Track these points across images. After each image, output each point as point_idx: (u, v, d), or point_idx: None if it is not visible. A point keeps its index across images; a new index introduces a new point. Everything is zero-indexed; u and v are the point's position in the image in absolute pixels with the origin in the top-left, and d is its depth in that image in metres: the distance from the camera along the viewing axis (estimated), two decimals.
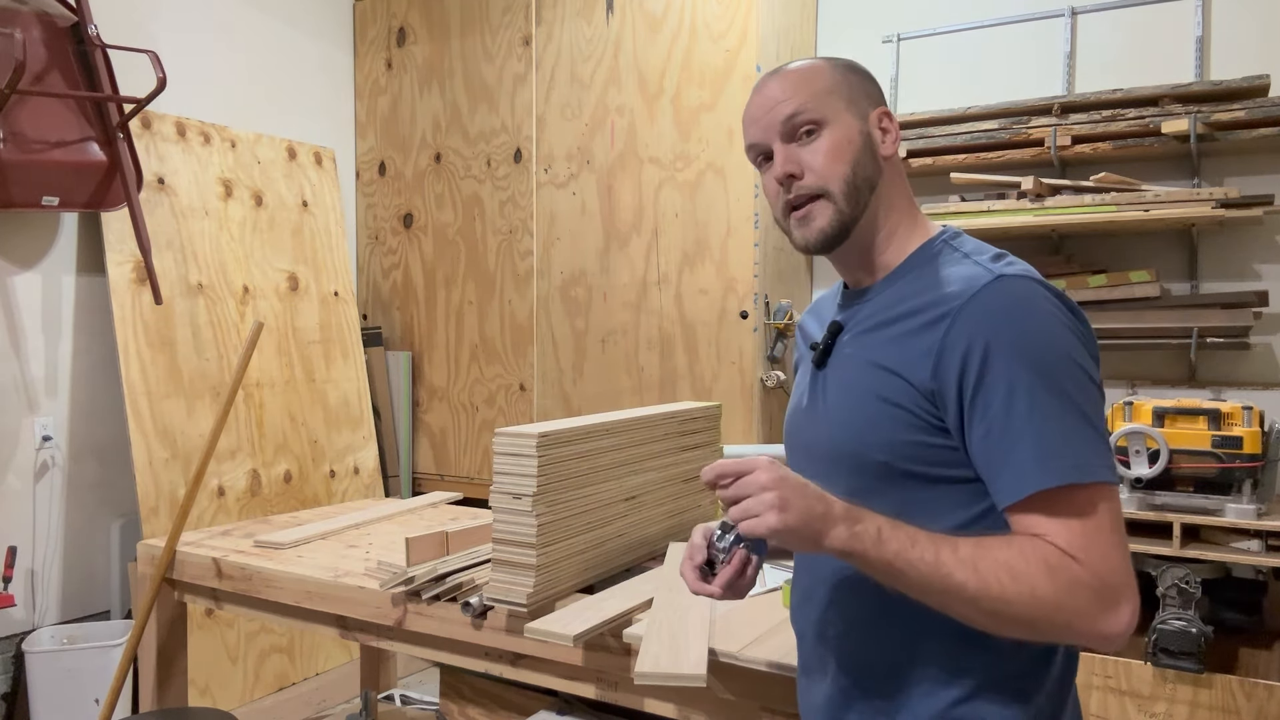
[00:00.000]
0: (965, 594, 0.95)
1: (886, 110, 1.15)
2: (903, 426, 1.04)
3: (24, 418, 3.00)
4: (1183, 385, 2.91)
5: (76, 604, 3.11)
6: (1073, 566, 0.95)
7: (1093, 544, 0.95)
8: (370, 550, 2.27)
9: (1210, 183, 2.89)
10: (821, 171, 1.10)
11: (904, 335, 1.06)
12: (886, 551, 0.96)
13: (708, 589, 1.14)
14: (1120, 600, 0.95)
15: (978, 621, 0.98)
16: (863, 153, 1.11)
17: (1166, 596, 2.40)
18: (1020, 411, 0.97)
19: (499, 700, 2.29)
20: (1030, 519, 0.98)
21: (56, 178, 2.83)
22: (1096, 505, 0.97)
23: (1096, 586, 0.94)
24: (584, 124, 3.57)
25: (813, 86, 1.12)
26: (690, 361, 3.35)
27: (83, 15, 2.92)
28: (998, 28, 3.24)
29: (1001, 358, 0.99)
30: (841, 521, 0.97)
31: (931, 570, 0.96)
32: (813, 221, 1.11)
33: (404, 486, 4.03)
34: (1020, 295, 1.01)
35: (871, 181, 1.12)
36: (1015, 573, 0.94)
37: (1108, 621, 0.95)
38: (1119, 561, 0.96)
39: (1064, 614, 0.94)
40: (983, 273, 1.04)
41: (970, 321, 1.00)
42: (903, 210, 1.15)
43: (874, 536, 0.97)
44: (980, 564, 0.95)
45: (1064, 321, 1.02)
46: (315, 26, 4.02)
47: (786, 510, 0.95)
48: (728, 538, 1.15)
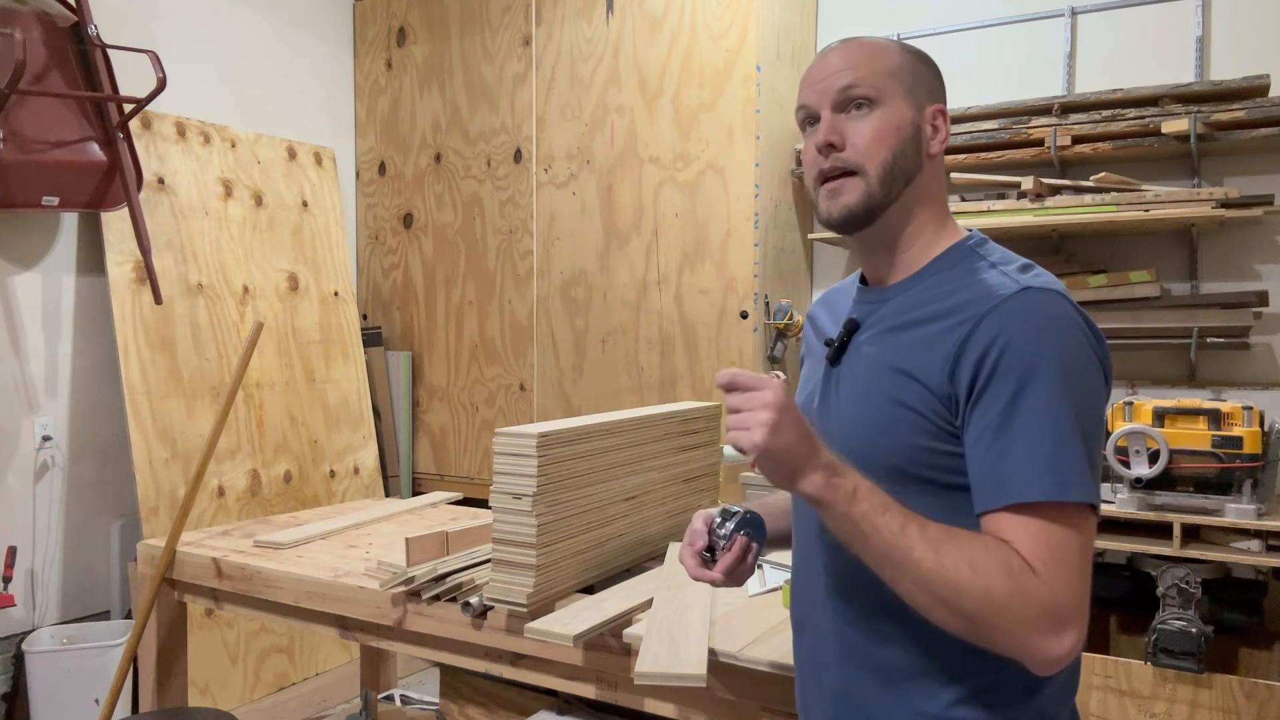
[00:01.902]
0: (920, 571, 0.95)
1: (943, 109, 1.13)
2: (917, 432, 1.04)
3: (24, 418, 3.00)
4: (1183, 385, 2.91)
5: (76, 604, 3.11)
6: (1031, 577, 0.94)
7: (1056, 562, 0.94)
8: (370, 550, 2.27)
9: (1210, 183, 2.89)
10: (862, 149, 1.08)
11: (924, 340, 1.05)
12: (856, 509, 0.97)
13: (708, 574, 1.15)
14: (1068, 626, 0.93)
15: (924, 605, 0.97)
16: (908, 142, 1.09)
17: (1166, 596, 2.40)
18: (1018, 420, 0.97)
19: (499, 700, 2.29)
20: (1002, 526, 0.97)
21: (56, 178, 2.83)
22: (1069, 527, 0.96)
23: (1049, 603, 0.93)
24: (584, 124, 3.57)
25: (875, 64, 1.10)
26: (690, 361, 3.35)
27: (83, 15, 2.92)
28: (998, 28, 3.24)
29: (1013, 364, 0.98)
30: (823, 468, 0.97)
31: (894, 539, 0.96)
32: (840, 196, 1.10)
33: (404, 486, 4.03)
34: (1044, 308, 1.01)
35: (910, 173, 1.10)
36: (975, 565, 0.94)
37: (1049, 642, 0.93)
38: (1078, 587, 0.95)
39: (1009, 619, 0.93)
40: (1009, 283, 1.03)
41: (991, 328, 1.00)
42: (934, 211, 1.14)
43: (848, 491, 0.97)
44: (944, 547, 0.95)
45: (1083, 340, 1.01)
46: (315, 26, 4.02)
47: (777, 435, 0.95)
48: (728, 524, 1.15)
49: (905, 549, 0.95)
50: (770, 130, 3.26)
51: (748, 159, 3.21)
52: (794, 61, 3.41)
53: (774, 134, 3.29)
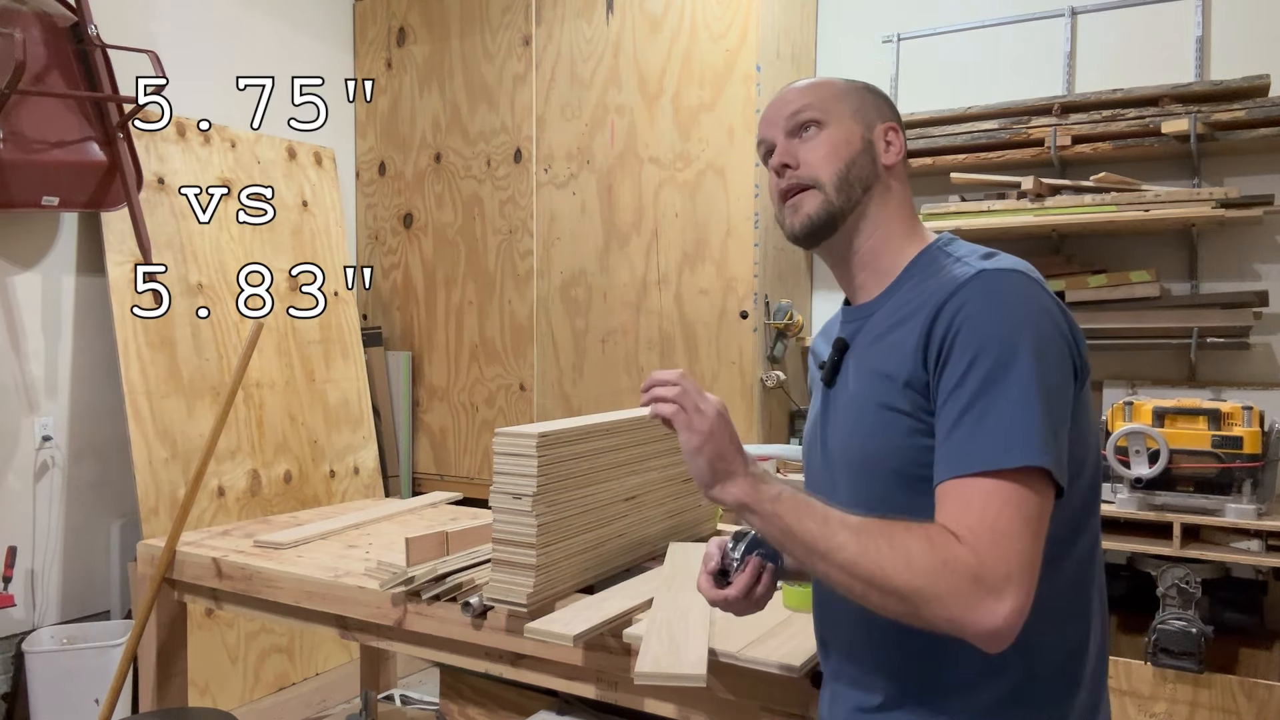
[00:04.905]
0: (843, 556, 0.95)
1: (895, 126, 1.18)
2: (905, 432, 1.04)
3: (24, 418, 3.00)
4: (1183, 385, 2.91)
5: (76, 604, 3.11)
6: (953, 544, 0.92)
7: (986, 529, 0.91)
8: (370, 550, 2.27)
9: (1210, 183, 2.89)
10: (815, 163, 1.14)
11: (897, 340, 1.07)
12: (780, 507, 1.00)
13: (722, 594, 1.18)
14: (1003, 593, 0.89)
15: (855, 591, 0.96)
16: (860, 154, 1.15)
17: (1166, 596, 2.40)
18: (965, 392, 0.97)
19: (499, 700, 2.29)
20: (941, 499, 0.97)
21: (56, 178, 2.83)
22: (1010, 493, 0.93)
23: (975, 569, 0.90)
24: (584, 124, 3.57)
25: (820, 92, 1.17)
26: (690, 361, 3.35)
27: (83, 15, 2.92)
28: (998, 28, 3.24)
29: (966, 341, 0.99)
30: (749, 476, 1.03)
31: (818, 529, 0.98)
32: (801, 208, 1.15)
33: (404, 486, 4.03)
34: (998, 284, 1.02)
35: (866, 182, 1.14)
36: (894, 541, 0.94)
37: (981, 612, 0.89)
38: (1010, 551, 0.91)
39: (937, 589, 0.90)
40: (969, 270, 1.05)
41: (950, 311, 1.01)
42: (902, 219, 1.17)
43: (772, 495, 1.01)
44: (864, 531, 0.96)
45: (1041, 311, 1.00)
46: (315, 26, 4.02)
47: (710, 439, 1.03)
48: (740, 545, 1.16)
49: (827, 537, 0.97)
50: None
51: (748, 159, 3.21)
52: (794, 61, 3.41)
53: None
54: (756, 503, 1.01)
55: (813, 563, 0.99)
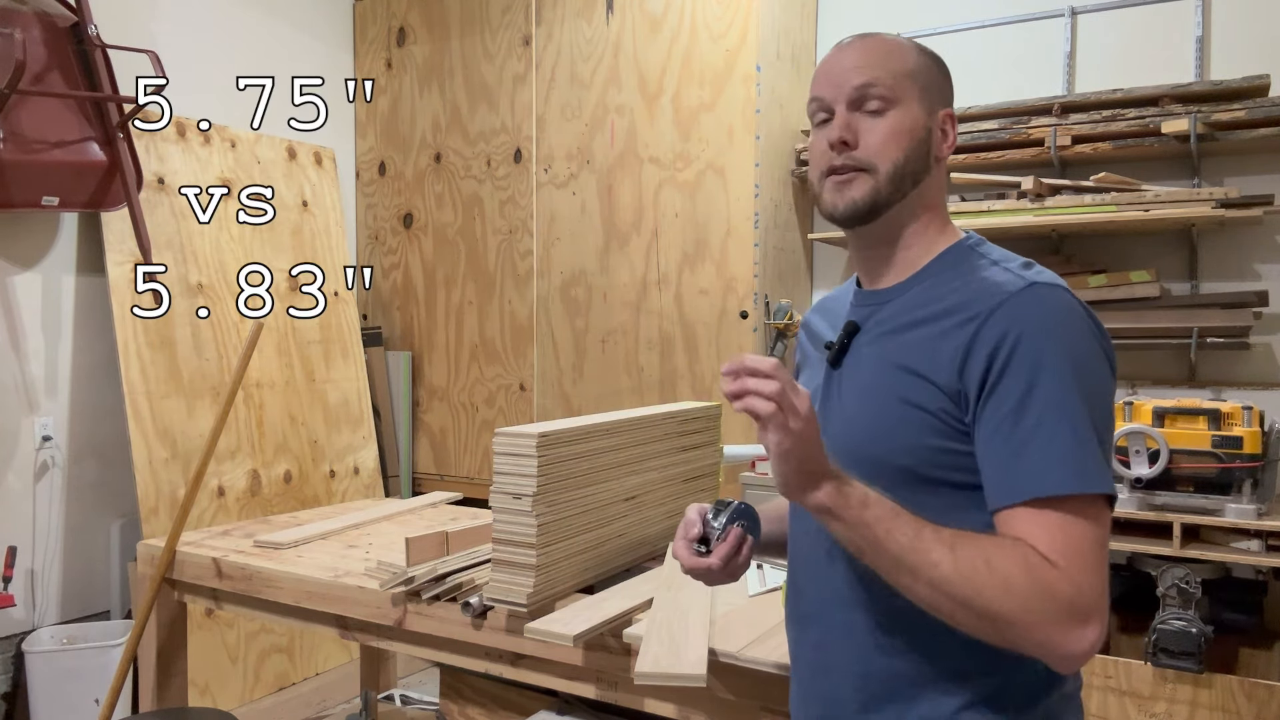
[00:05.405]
0: (938, 574, 0.94)
1: (952, 114, 1.14)
2: (927, 431, 1.03)
3: (24, 418, 3.00)
4: (1183, 385, 2.91)
5: (76, 604, 3.11)
6: (1051, 571, 0.93)
7: (1075, 555, 0.93)
8: (370, 550, 2.27)
9: (1210, 183, 2.89)
10: (875, 148, 1.09)
11: (932, 338, 1.05)
12: (869, 514, 0.96)
13: (703, 563, 1.12)
14: (1090, 619, 0.92)
15: (943, 609, 0.96)
16: (919, 145, 1.10)
17: (1166, 596, 2.40)
18: (1033, 414, 0.97)
19: (499, 700, 2.29)
20: (1018, 521, 0.96)
21: (56, 178, 2.83)
22: (1086, 520, 0.95)
23: (1071, 597, 0.92)
24: (584, 124, 3.57)
25: (893, 64, 1.11)
26: (690, 361, 3.35)
27: (83, 15, 2.92)
28: (998, 28, 3.24)
29: (1026, 358, 0.98)
30: (833, 478, 0.97)
31: (910, 543, 0.95)
32: (848, 189, 1.10)
33: (404, 486, 4.02)
34: (1052, 303, 1.01)
35: (917, 176, 1.11)
36: (992, 563, 0.93)
37: (1072, 637, 0.92)
38: (1097, 580, 0.94)
39: (1032, 615, 0.92)
40: (1015, 279, 1.03)
41: (1000, 324, 1.00)
42: (936, 212, 1.15)
43: (860, 498, 0.97)
44: (959, 547, 0.94)
45: (1090, 334, 1.02)
46: (315, 26, 4.02)
47: (802, 442, 0.94)
48: (723, 515, 1.14)
49: (922, 550, 0.94)
50: (770, 130, 3.26)
51: (748, 159, 3.21)
52: (794, 61, 3.41)
53: (774, 134, 3.29)
54: (843, 509, 0.97)
55: (897, 576, 0.97)
